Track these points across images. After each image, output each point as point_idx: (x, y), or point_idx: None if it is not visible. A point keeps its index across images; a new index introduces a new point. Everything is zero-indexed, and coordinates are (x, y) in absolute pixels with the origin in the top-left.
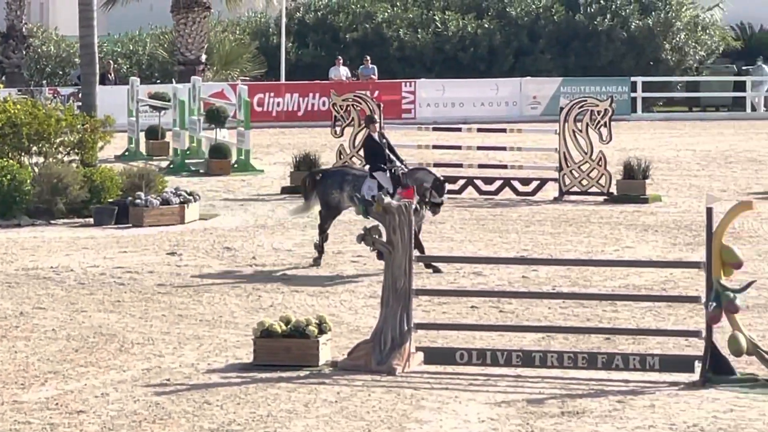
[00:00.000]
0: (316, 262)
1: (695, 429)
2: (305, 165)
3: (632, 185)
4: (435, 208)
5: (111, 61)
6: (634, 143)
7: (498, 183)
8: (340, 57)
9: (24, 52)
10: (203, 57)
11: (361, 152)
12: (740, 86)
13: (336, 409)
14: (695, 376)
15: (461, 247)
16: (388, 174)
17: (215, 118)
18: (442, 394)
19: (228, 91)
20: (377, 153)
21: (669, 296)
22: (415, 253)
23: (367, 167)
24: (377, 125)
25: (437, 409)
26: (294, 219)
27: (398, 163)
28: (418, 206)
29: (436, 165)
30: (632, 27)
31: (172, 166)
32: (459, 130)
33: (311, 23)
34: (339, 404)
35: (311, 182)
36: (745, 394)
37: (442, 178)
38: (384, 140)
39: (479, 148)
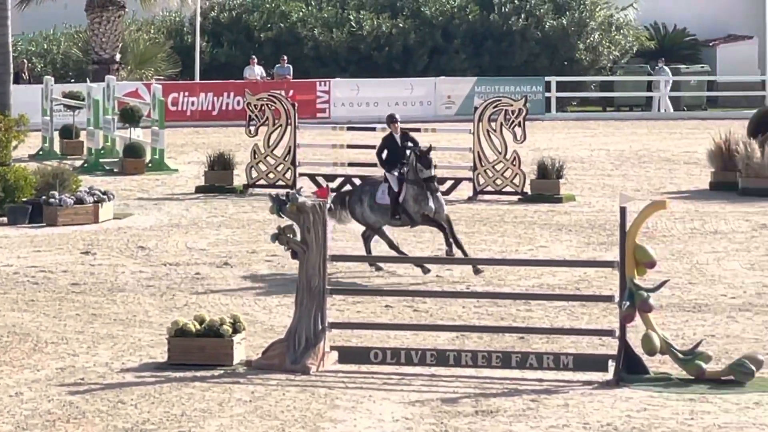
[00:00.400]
0: (424, 270)
1: (609, 428)
2: (219, 164)
3: (546, 185)
4: (428, 183)
5: (25, 60)
6: (548, 143)
7: None
8: (254, 56)
9: None
10: (117, 56)
11: (276, 152)
12: (653, 86)
13: (250, 409)
14: (609, 376)
15: (376, 247)
16: (396, 174)
17: (129, 117)
18: (356, 394)
19: (142, 91)
20: (393, 153)
21: (583, 295)
22: (453, 252)
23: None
24: (398, 125)
25: (351, 409)
26: (208, 219)
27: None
28: (332, 206)
29: (350, 165)
30: (546, 27)
31: (86, 165)
32: (374, 129)
33: (225, 22)
34: (253, 403)
35: (341, 203)
36: (658, 393)
37: (423, 149)
38: (406, 141)
39: None
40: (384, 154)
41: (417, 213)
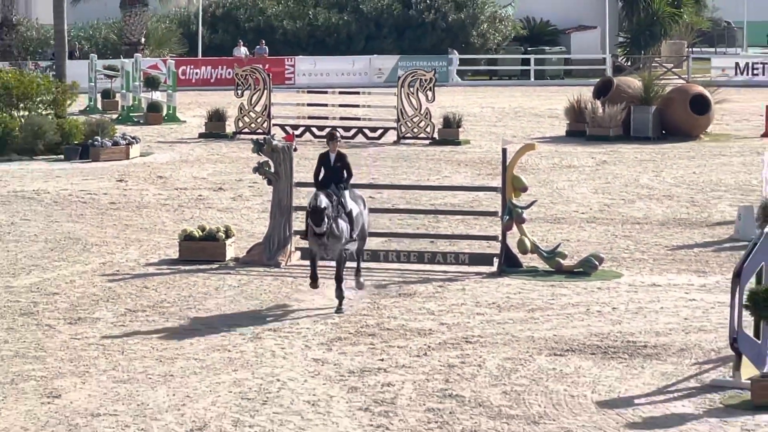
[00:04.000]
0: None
1: (493, 306)
2: (216, 117)
3: (449, 132)
4: (320, 238)
5: (76, 43)
6: (450, 102)
7: (353, 130)
8: (240, 40)
9: (14, 36)
10: (142, 40)
11: (256, 108)
12: (526, 62)
13: (238, 292)
14: (494, 269)
15: None
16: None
17: (151, 83)
18: (310, 281)
19: (160, 65)
20: (324, 175)
21: (475, 211)
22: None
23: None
24: (336, 144)
25: (311, 292)
26: (208, 157)
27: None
28: (296, 146)
29: (309, 117)
30: (450, 19)
31: (120, 118)
32: (326, 92)
33: (220, 15)
34: (240, 288)
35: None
36: (529, 281)
37: (318, 206)
38: (339, 163)
39: (340, 105)
40: (319, 175)
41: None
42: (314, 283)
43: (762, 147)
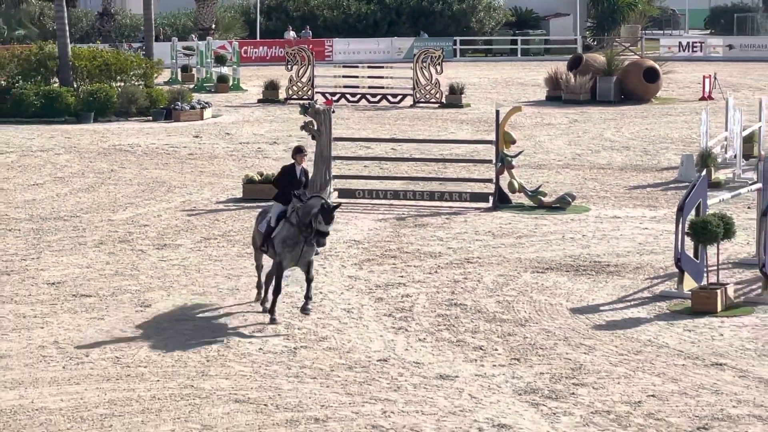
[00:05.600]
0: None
1: (489, 233)
2: (271, 87)
3: (454, 98)
4: (320, 237)
5: (161, 28)
6: (455, 74)
7: (379, 96)
8: (290, 26)
9: (112, 23)
10: (213, 26)
11: (302, 79)
12: (514, 42)
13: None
14: (489, 205)
15: (358, 133)
16: (279, 209)
17: (220, 60)
18: (348, 215)
19: (227, 45)
20: (289, 185)
21: (475, 159)
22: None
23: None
24: (304, 157)
25: (345, 223)
26: (265, 117)
27: (298, 200)
28: (334, 109)
29: (344, 87)
30: (454, 9)
31: (195, 87)
32: (357, 67)
33: (273, 6)
34: None
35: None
36: (517, 214)
37: (331, 205)
38: (304, 178)
39: (368, 77)
40: (281, 182)
41: (277, 255)
42: (276, 296)
43: (700, 108)
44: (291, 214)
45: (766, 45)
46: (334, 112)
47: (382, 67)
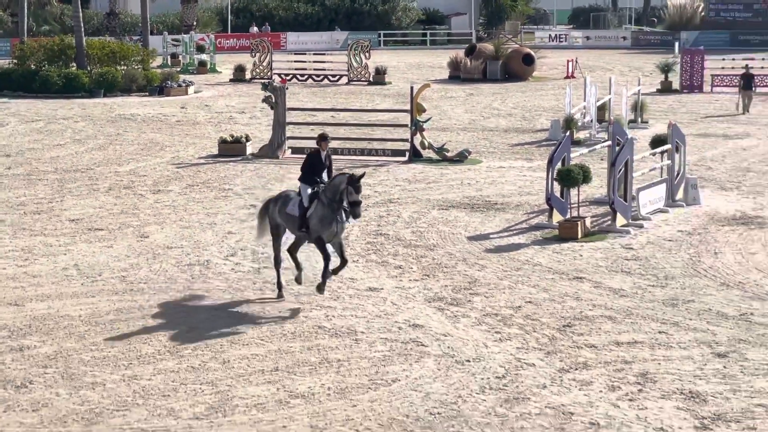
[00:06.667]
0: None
1: (406, 180)
2: (239, 69)
3: (379, 77)
4: (354, 208)
5: (155, 25)
6: (379, 59)
7: (321, 77)
8: (254, 22)
9: (116, 21)
10: (194, 23)
11: (263, 63)
12: (425, 35)
13: (254, 174)
14: (406, 159)
15: (306, 104)
16: (309, 191)
17: (200, 49)
18: (299, 167)
19: (206, 38)
20: (315, 168)
21: (395, 124)
22: None
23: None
24: (327, 144)
25: (297, 173)
26: (234, 93)
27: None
28: (288, 86)
29: (296, 69)
30: (379, 9)
31: (181, 70)
32: (305, 54)
33: (241, 8)
34: (255, 171)
35: (264, 209)
36: (426, 165)
37: (357, 175)
38: (328, 162)
39: (314, 62)
40: (307, 167)
41: (315, 233)
42: (327, 263)
43: (565, 84)
44: (321, 195)
45: (614, 37)
46: (287, 88)
47: (324, 54)
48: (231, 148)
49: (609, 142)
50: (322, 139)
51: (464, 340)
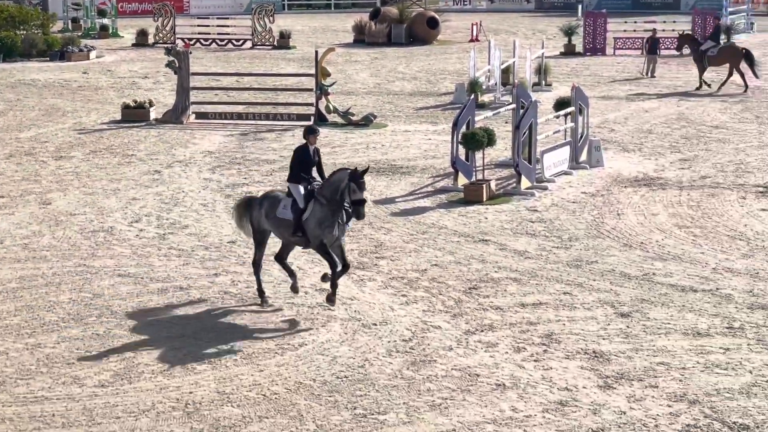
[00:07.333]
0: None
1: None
2: (142, 34)
3: (283, 42)
4: (358, 207)
5: None
6: (284, 23)
7: (225, 41)
8: None
9: None
10: None
11: (167, 27)
12: None
13: (158, 140)
14: (311, 122)
15: (210, 69)
16: (302, 190)
17: (102, 13)
18: (203, 132)
19: (107, 2)
20: (304, 165)
21: (300, 88)
22: None
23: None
24: (316, 137)
25: (201, 138)
26: (138, 58)
27: (318, 179)
28: (191, 51)
29: (199, 33)
30: None
31: (83, 34)
32: (208, 18)
33: None
34: (159, 137)
35: (243, 208)
36: (332, 129)
37: (359, 171)
38: (317, 157)
39: (217, 26)
40: (295, 163)
41: (316, 238)
42: (334, 270)
43: (469, 48)
44: (318, 194)
45: (518, 0)
46: (191, 53)
47: (228, 18)
48: (134, 114)
49: (513, 105)
50: (310, 132)
51: (371, 303)
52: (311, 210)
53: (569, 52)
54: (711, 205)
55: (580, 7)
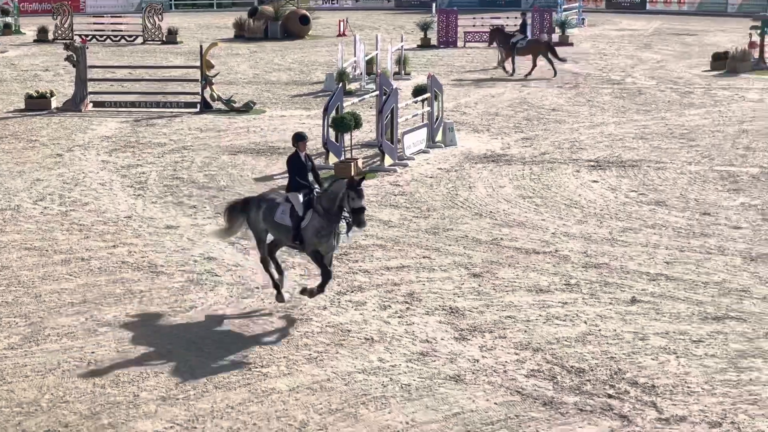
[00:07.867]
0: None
1: (198, 129)
2: (42, 31)
3: (172, 37)
4: (358, 216)
5: None
6: (171, 21)
7: (119, 37)
8: None
9: None
10: None
11: (65, 25)
12: None
13: (59, 126)
14: (197, 110)
15: (105, 62)
16: (301, 198)
17: (5, 12)
18: (101, 119)
19: (9, 2)
20: (300, 172)
21: (187, 79)
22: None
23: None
24: (305, 143)
25: (98, 124)
26: (40, 53)
27: (316, 186)
28: (88, 46)
29: (95, 30)
30: None
31: None
32: (104, 16)
33: None
34: (60, 124)
35: (237, 209)
36: (216, 116)
37: (357, 178)
38: (309, 162)
39: (111, 23)
40: (290, 172)
41: (310, 246)
42: (326, 279)
43: (337, 42)
44: (316, 204)
45: None
46: (88, 48)
47: (121, 16)
48: (37, 103)
49: (377, 92)
50: (299, 139)
51: (253, 270)
52: (309, 219)
53: (425, 45)
54: (550, 178)
55: (434, 5)
